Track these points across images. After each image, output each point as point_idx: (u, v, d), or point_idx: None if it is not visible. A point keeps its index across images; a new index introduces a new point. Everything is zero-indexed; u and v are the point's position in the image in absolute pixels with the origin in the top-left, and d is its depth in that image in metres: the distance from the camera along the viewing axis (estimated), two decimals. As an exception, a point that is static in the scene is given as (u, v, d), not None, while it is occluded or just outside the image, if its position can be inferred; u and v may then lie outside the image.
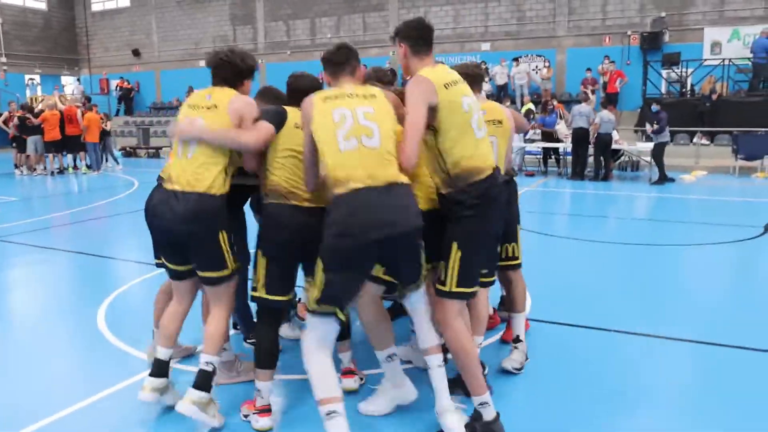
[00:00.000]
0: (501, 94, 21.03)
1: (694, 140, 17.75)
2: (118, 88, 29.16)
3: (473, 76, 3.61)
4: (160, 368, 3.26)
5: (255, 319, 3.44)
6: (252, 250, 3.35)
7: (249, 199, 4.02)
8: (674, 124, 15.37)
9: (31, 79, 30.18)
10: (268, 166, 3.18)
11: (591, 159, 14.59)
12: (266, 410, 3.17)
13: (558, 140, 15.47)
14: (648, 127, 14.29)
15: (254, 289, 3.19)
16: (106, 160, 18.09)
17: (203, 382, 3.10)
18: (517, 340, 3.87)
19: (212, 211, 3.09)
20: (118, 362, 4.03)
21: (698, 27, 20.28)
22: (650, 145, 14.12)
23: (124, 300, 5.41)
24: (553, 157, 16.38)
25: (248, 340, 4.15)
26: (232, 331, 4.11)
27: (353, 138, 2.84)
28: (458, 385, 3.26)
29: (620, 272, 6.41)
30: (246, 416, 3.22)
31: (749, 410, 3.35)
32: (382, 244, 2.72)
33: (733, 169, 15.34)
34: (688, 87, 19.06)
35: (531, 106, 17.76)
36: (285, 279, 3.21)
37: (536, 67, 22.56)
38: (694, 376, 3.87)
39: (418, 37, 3.06)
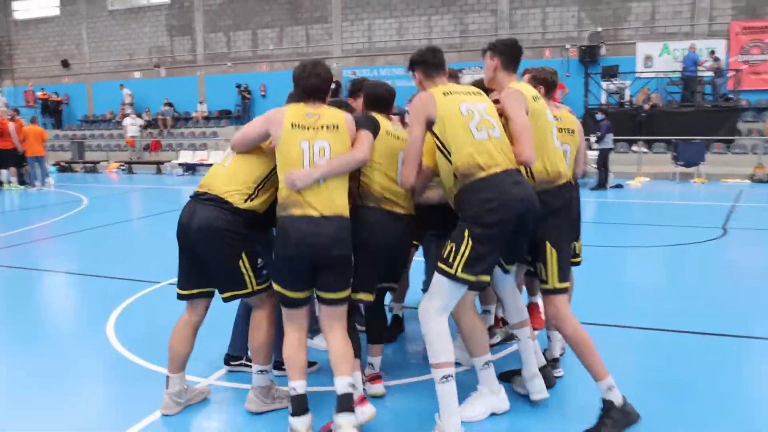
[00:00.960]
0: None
1: (634, 148, 18.62)
2: (39, 100, 27.66)
3: (550, 83, 3.78)
4: (302, 404, 3.05)
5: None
6: None
7: None
8: (615, 133, 16.07)
9: (-53, 91, 28.36)
10: (365, 172, 3.23)
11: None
12: (378, 377, 3.51)
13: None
14: (593, 137, 14.90)
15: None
16: (46, 176, 17.18)
17: (350, 403, 3.00)
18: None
19: (349, 232, 3.10)
20: (153, 383, 3.80)
21: (631, 41, 21.32)
22: (595, 153, 14.72)
23: (129, 317, 5.13)
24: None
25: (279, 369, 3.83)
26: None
27: (483, 129, 3.05)
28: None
29: (609, 273, 6.62)
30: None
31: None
32: (520, 218, 2.97)
33: (674, 174, 16.17)
34: (627, 98, 20.00)
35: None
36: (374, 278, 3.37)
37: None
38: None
39: (510, 54, 3.34)
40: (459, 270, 2.94)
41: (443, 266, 2.99)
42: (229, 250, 3.14)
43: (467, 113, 3.06)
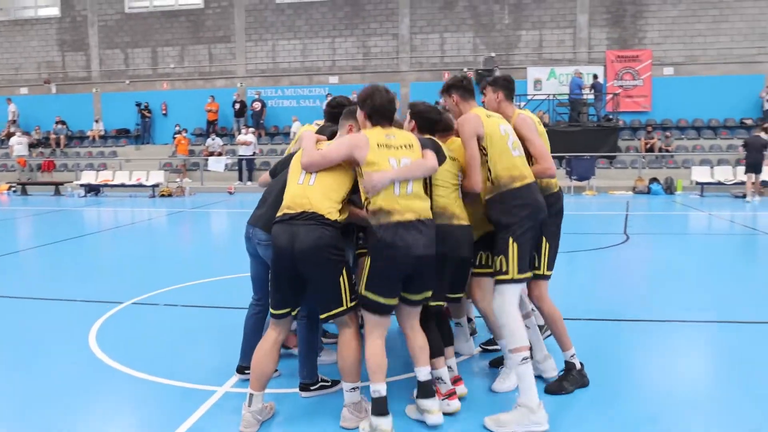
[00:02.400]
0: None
1: (529, 165, 20.04)
2: None
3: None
4: (385, 405, 3.25)
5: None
6: None
7: None
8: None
9: None
10: (435, 191, 3.60)
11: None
12: (453, 394, 3.54)
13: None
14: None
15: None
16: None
17: (431, 389, 3.37)
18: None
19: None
20: (167, 398, 3.97)
21: (522, 66, 22.99)
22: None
23: (113, 332, 5.13)
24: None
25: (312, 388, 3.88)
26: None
27: (516, 148, 3.66)
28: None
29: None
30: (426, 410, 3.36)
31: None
32: (542, 222, 3.67)
33: (568, 188, 17.66)
34: (521, 118, 21.48)
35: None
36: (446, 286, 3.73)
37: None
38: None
39: (509, 88, 4.01)
40: (515, 273, 3.51)
41: (501, 278, 3.53)
42: (334, 267, 3.28)
43: (505, 133, 3.64)
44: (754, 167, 15.49)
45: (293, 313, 3.48)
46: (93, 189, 19.37)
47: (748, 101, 21.65)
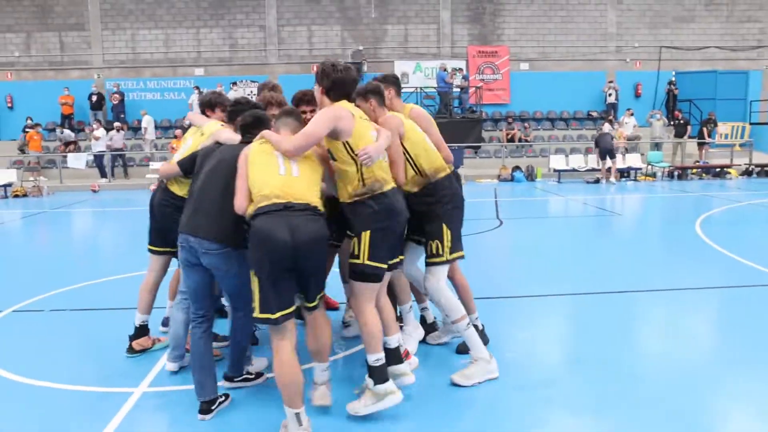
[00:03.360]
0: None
1: (401, 156, 20.69)
2: None
3: None
4: (386, 372, 3.45)
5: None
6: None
7: None
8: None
9: None
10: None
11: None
12: (407, 354, 3.89)
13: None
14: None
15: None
16: None
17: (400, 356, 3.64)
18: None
19: None
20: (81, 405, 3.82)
21: (389, 60, 23.60)
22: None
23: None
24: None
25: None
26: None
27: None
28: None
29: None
30: None
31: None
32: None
33: (439, 178, 18.42)
34: (391, 111, 22.08)
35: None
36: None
37: (251, 92, 23.50)
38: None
39: (399, 85, 4.22)
40: (448, 254, 3.85)
41: (435, 260, 3.84)
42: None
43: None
44: (607, 153, 17.71)
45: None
46: (-70, 191, 17.40)
47: (593, 95, 23.77)
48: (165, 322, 4.82)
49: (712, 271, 6.77)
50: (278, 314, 3.12)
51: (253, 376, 3.89)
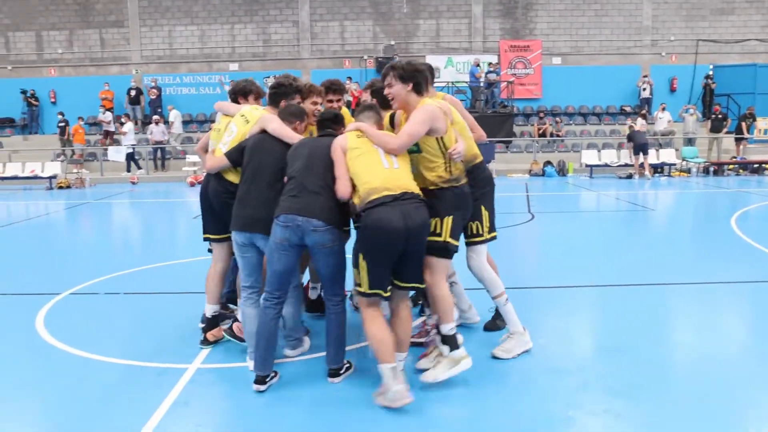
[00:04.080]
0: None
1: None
2: None
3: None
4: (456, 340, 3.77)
5: None
6: None
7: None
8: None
9: None
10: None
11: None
12: None
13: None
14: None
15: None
16: None
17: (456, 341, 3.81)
18: None
19: None
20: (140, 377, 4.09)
21: (421, 54, 23.67)
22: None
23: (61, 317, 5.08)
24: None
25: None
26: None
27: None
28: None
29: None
30: None
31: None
32: None
33: (470, 172, 18.52)
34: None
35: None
36: None
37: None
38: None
39: (433, 74, 4.28)
40: (487, 234, 4.21)
41: (476, 240, 4.16)
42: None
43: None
44: (641, 149, 17.57)
45: None
46: (-19, 182, 18.11)
47: (626, 90, 23.57)
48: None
49: (747, 266, 6.79)
50: (377, 291, 3.57)
51: (348, 365, 3.96)
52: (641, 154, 17.61)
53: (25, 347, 4.59)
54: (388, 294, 3.61)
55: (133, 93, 22.80)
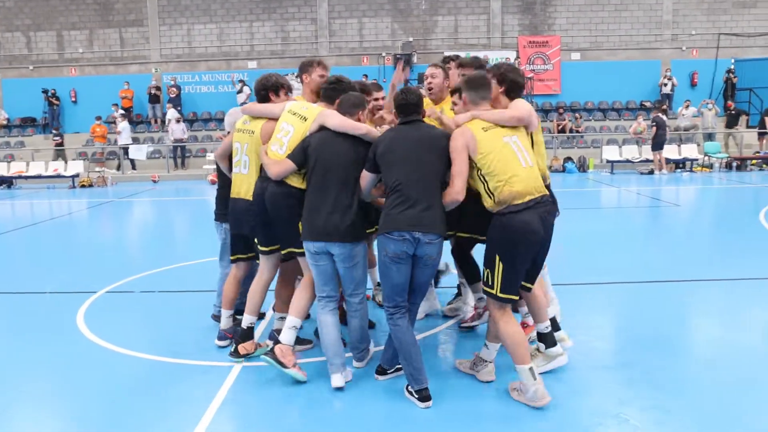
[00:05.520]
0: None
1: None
2: None
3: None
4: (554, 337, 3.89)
5: None
6: None
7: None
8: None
9: None
10: None
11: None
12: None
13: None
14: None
15: None
16: None
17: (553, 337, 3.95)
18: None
19: None
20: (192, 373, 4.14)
21: (439, 51, 23.59)
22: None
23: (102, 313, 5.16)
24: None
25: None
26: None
27: None
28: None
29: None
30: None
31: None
32: None
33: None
34: (441, 102, 22.23)
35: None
36: None
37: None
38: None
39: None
40: None
41: None
42: None
43: None
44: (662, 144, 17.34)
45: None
46: (4, 181, 18.31)
47: (646, 85, 23.36)
48: (272, 336, 4.37)
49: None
50: (511, 296, 3.50)
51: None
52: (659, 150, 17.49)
53: (72, 347, 4.64)
54: (511, 300, 3.51)
55: (152, 91, 22.96)
